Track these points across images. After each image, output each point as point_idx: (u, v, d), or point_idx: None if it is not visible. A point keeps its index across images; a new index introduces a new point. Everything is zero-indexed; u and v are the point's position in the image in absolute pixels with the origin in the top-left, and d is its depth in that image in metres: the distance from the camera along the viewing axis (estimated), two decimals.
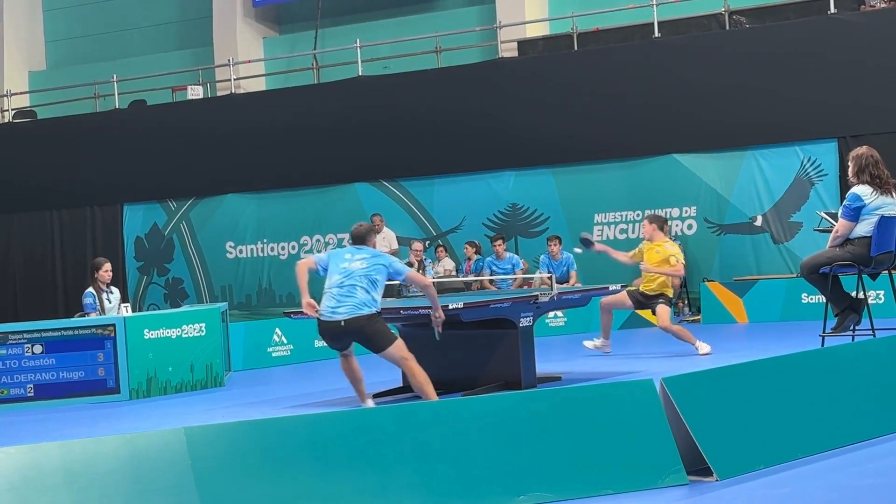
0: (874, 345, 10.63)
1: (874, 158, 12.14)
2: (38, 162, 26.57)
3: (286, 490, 7.38)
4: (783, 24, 21.50)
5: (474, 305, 12.76)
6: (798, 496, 7.51)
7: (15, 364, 14.73)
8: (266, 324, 18.64)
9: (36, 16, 31.34)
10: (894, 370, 9.86)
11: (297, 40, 28.19)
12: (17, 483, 7.04)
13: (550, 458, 7.87)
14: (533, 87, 22.60)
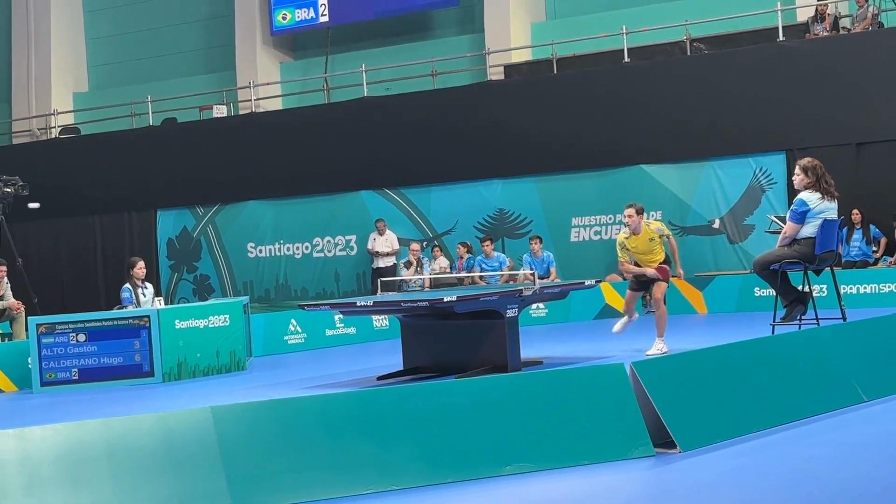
0: (818, 332, 10.63)
1: (822, 169, 12.19)
2: (81, 173, 26.59)
3: (301, 461, 7.38)
4: (737, 50, 21.51)
5: (466, 299, 12.75)
6: (752, 466, 7.51)
7: (62, 351, 14.73)
8: (283, 315, 18.64)
9: (79, 44, 31.31)
10: (836, 355, 9.88)
11: (309, 65, 28.20)
12: (64, 455, 7.03)
13: (533, 433, 7.87)
14: (517, 107, 22.61)
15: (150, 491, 7.02)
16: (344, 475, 7.38)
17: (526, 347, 13.59)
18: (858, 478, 6.99)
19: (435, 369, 12.87)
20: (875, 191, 19.65)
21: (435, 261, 22.74)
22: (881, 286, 18.46)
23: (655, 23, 23.02)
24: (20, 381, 15.00)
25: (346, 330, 18.53)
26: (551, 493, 7.14)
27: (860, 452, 7.76)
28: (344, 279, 24.52)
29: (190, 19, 29.87)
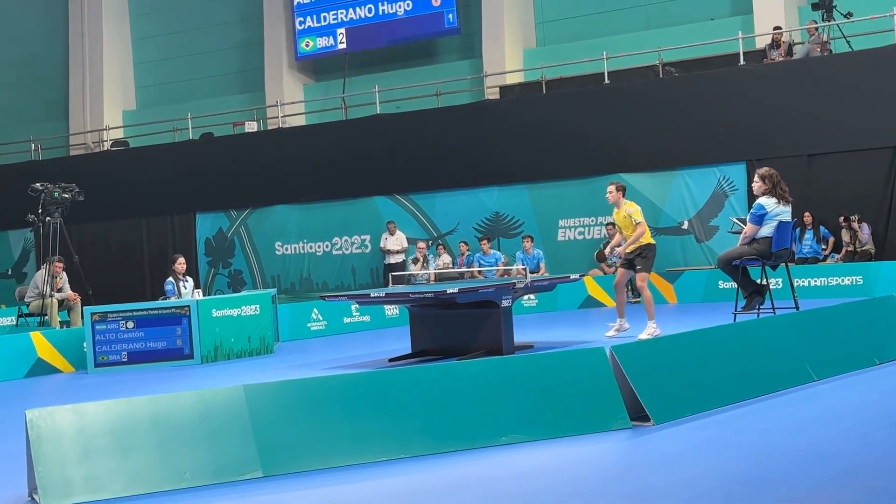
0: (775, 320, 10.65)
1: (777, 177, 12.27)
2: (129, 181, 26.59)
3: (322, 433, 7.40)
4: (704, 73, 21.52)
5: (467, 290, 12.76)
6: (717, 437, 7.53)
7: (112, 336, 14.76)
8: (306, 305, 18.65)
9: (128, 68, 31.34)
10: (790, 340, 9.89)
11: (329, 87, 28.23)
12: (115, 428, 7.05)
13: (524, 408, 7.89)
14: (511, 123, 22.62)
15: (190, 458, 7.04)
16: (359, 445, 7.40)
17: (518, 333, 13.60)
18: (809, 447, 7.01)
19: (439, 352, 12.88)
20: (824, 196, 19.66)
21: (439, 257, 22.75)
22: (829, 280, 18.49)
23: (632, 49, 23.03)
24: (77, 363, 15.02)
25: (362, 318, 18.55)
26: (540, 461, 7.15)
27: (811, 425, 7.78)
28: (359, 273, 24.54)
29: (225, 46, 29.90)
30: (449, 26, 26.43)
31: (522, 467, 7.01)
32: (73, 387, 13.34)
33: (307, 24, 28.16)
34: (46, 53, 32.15)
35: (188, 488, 6.87)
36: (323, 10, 27.96)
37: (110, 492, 6.76)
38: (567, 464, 7.08)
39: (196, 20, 30.18)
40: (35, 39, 32.37)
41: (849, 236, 19.44)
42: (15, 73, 32.78)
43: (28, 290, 18.94)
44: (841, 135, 19.62)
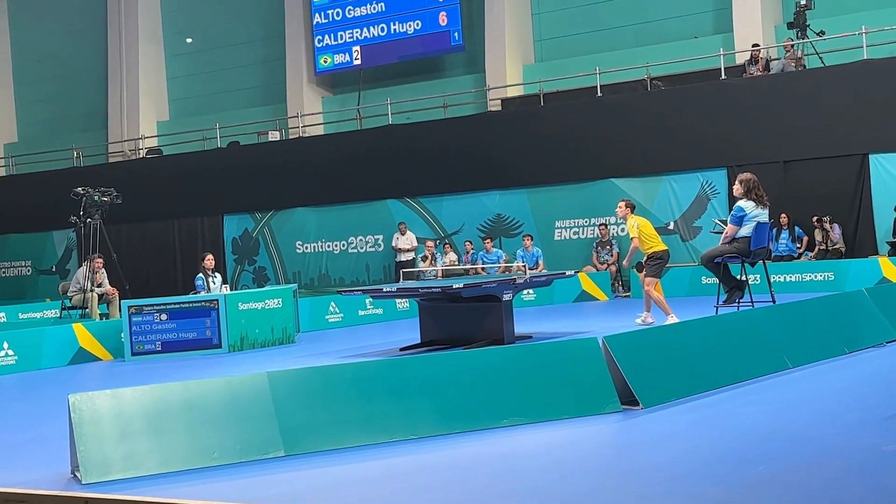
0: (753, 313, 10.65)
1: (756, 182, 12.28)
2: (163, 186, 26.64)
3: (339, 416, 7.41)
4: (688, 86, 21.50)
5: (471, 286, 12.78)
6: (700, 419, 7.54)
7: (148, 327, 14.79)
8: (324, 299, 18.67)
9: (162, 82, 31.37)
10: (767, 330, 9.89)
11: (345, 99, 28.24)
12: (150, 411, 7.06)
13: (524, 393, 7.89)
14: (512, 132, 22.62)
15: (218, 439, 7.05)
16: (373, 426, 7.40)
17: (519, 325, 13.62)
18: (785, 428, 7.01)
19: (446, 342, 12.89)
20: (799, 199, 19.64)
21: (446, 255, 22.76)
22: (804, 276, 18.47)
23: (623, 65, 22.99)
24: (115, 352, 15.06)
25: (375, 311, 18.56)
26: (538, 441, 7.16)
27: (786, 408, 7.78)
28: (373, 270, 24.55)
29: (250, 62, 29.91)
30: (455, 44, 26.42)
31: (522, 447, 7.02)
32: (111, 373, 13.37)
33: (325, 42, 28.18)
34: (87, 70, 32.19)
35: (216, 466, 6.88)
36: (339, 29, 27.97)
37: (145, 469, 6.78)
38: (562, 444, 7.08)
39: (223, 39, 30.21)
40: (77, 57, 32.42)
41: (821, 236, 19.42)
42: (59, 87, 32.85)
43: (71, 286, 19.00)
44: (814, 143, 19.60)
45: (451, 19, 26.39)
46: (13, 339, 14.37)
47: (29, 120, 33.66)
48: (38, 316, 21.92)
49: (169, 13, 31.20)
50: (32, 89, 33.49)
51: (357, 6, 27.70)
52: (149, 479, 6.62)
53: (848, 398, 8.00)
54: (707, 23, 23.71)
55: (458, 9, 26.22)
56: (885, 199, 19.13)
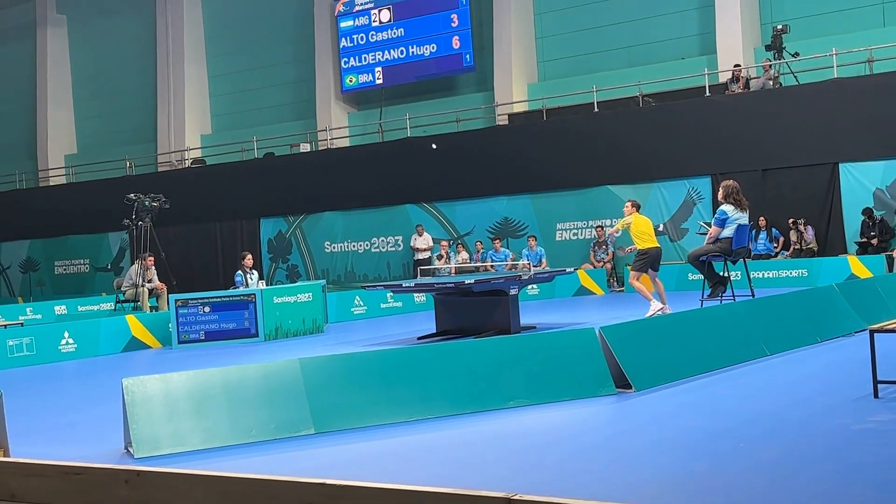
0: (734, 305, 10.65)
1: (736, 188, 12.30)
2: (206, 192, 26.71)
3: (362, 397, 7.43)
4: (676, 103, 21.44)
5: (482, 281, 12.78)
6: (686, 401, 7.53)
7: (192, 318, 14.83)
8: (350, 293, 18.70)
9: (205, 99, 31.43)
10: (747, 321, 9.88)
11: (368, 114, 28.27)
12: (194, 393, 7.09)
13: (528, 377, 7.90)
14: (518, 144, 22.61)
15: (254, 418, 7.08)
16: (394, 407, 7.42)
17: (524, 316, 13.62)
18: (761, 408, 7.01)
19: (459, 332, 12.90)
20: (776, 203, 19.58)
21: (458, 254, 22.77)
22: (780, 272, 18.42)
23: (617, 83, 22.98)
24: (163, 340, 15.11)
25: (395, 304, 18.58)
26: (541, 420, 7.16)
27: (763, 390, 7.78)
28: (393, 267, 24.58)
29: (283, 82, 29.96)
30: (466, 65, 26.43)
31: (527, 426, 7.03)
32: (160, 360, 13.42)
33: (351, 64, 28.20)
34: (138, 89, 32.30)
35: (253, 443, 6.91)
36: (363, 52, 27.99)
37: (190, 445, 6.81)
38: (563, 423, 7.09)
39: (260, 61, 30.26)
40: (129, 78, 32.52)
41: (796, 236, 19.37)
42: (113, 105, 32.96)
43: (124, 281, 19.08)
44: (789, 153, 19.54)
45: (463, 43, 26.40)
46: (73, 330, 14.44)
47: (86, 134, 33.80)
48: (95, 308, 22.04)
49: (211, 38, 31.27)
50: (90, 107, 33.62)
51: (379, 31, 27.73)
52: (193, 454, 6.66)
53: (820, 383, 7.98)
54: (693, 45, 23.66)
55: (470, 34, 26.24)
56: (854, 203, 19.07)
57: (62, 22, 33.75)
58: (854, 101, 18.94)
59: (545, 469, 5.69)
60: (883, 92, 18.67)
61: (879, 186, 18.90)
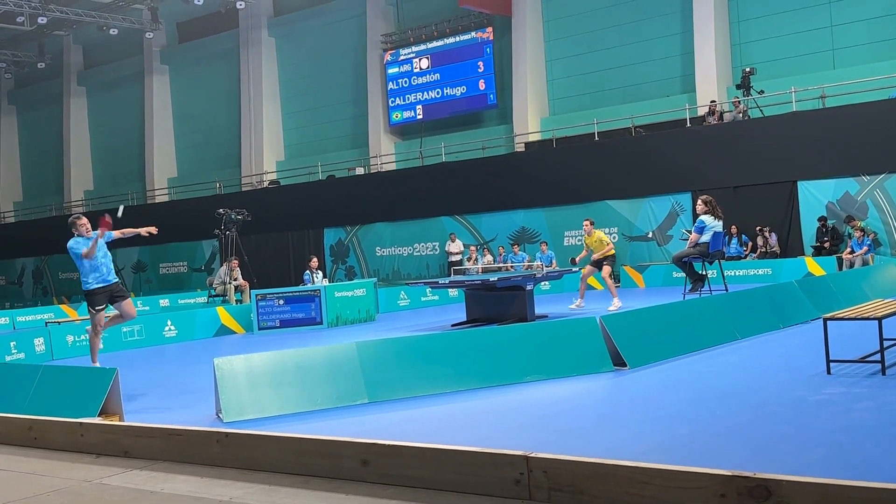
0: (711, 298, 10.57)
1: (713, 201, 12.21)
2: (280, 207, 26.84)
3: (406, 373, 7.44)
4: (662, 132, 21.30)
5: (504, 279, 12.76)
6: (672, 376, 7.48)
7: (270, 310, 14.92)
8: (396, 289, 18.74)
9: (279, 131, 31.57)
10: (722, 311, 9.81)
11: (411, 144, 28.32)
12: (272, 370, 7.14)
13: (541, 357, 7.88)
14: (533, 167, 22.55)
15: (320, 391, 7.11)
16: (432, 381, 7.43)
17: (538, 307, 13.61)
18: (735, 383, 6.94)
19: (485, 320, 12.89)
20: (745, 214, 19.40)
21: (484, 257, 22.74)
22: (749, 271, 18.24)
23: (614, 117, 22.88)
24: (246, 327, 15.21)
25: (433, 297, 18.60)
26: (553, 392, 7.14)
27: (735, 368, 7.70)
28: (431, 268, 24.60)
29: (342, 118, 30.05)
30: (490, 103, 26.41)
31: (541, 396, 7.00)
32: (244, 343, 13.52)
33: (397, 102, 28.27)
34: (226, 123, 32.58)
35: (319, 410, 6.94)
36: (407, 93, 28.04)
37: (269, 412, 6.85)
38: (570, 394, 7.06)
39: (324, 101, 30.41)
40: (218, 114, 32.81)
41: (762, 241, 19.18)
42: (205, 136, 33.27)
43: (215, 280, 19.24)
44: (756, 173, 19.36)
45: (488, 85, 26.39)
46: (175, 318, 14.59)
47: (185, 160, 34.13)
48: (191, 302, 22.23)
49: (284, 83, 31.47)
50: (187, 137, 33.95)
51: (419, 76, 27.77)
52: (271, 419, 6.70)
53: (782, 361, 7.90)
54: (676, 85, 23.51)
55: (493, 77, 26.23)
56: (810, 214, 18.87)
57: (165, 71, 34.11)
58: (810, 130, 18.74)
59: (556, 431, 5.68)
60: (834, 123, 18.47)
61: (831, 200, 18.68)
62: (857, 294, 11.57)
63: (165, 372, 10.60)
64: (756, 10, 22.18)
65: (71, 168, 36.31)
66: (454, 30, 26.82)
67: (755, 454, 4.77)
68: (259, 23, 30.92)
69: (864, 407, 5.70)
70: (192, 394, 8.28)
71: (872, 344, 7.37)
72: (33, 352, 12.44)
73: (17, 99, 39.28)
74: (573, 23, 25.03)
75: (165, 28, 32.90)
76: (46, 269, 33.85)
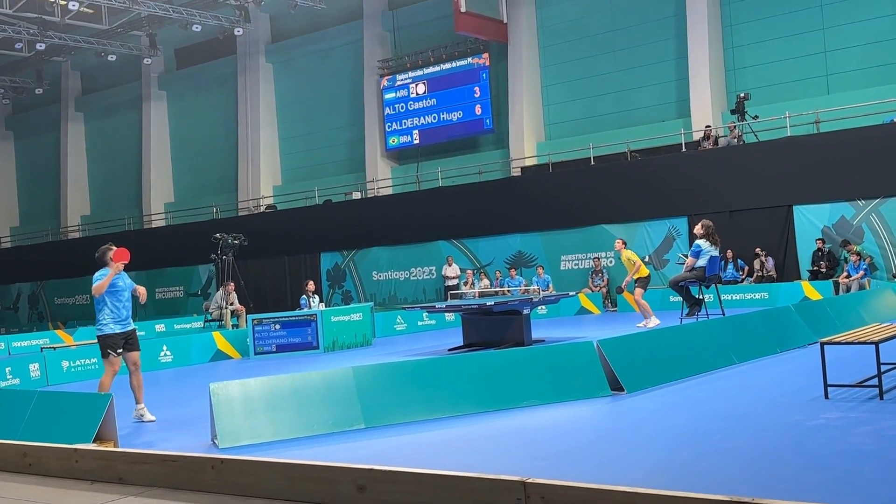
0: (708, 322, 10.56)
1: (712, 226, 12.25)
2: (277, 232, 26.83)
3: (403, 397, 7.41)
4: (658, 157, 21.39)
5: (501, 303, 12.75)
6: (670, 400, 7.46)
7: (266, 334, 14.88)
8: (393, 313, 18.71)
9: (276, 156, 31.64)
10: (719, 335, 9.79)
11: (407, 168, 28.38)
12: (267, 395, 7.10)
13: (540, 381, 7.86)
14: (529, 191, 22.60)
15: (316, 416, 7.07)
16: (429, 406, 7.40)
17: (535, 331, 13.58)
18: (732, 408, 6.93)
19: (482, 344, 12.86)
20: (741, 238, 19.43)
21: (481, 281, 22.72)
22: (745, 295, 18.23)
23: (609, 141, 22.95)
24: (242, 352, 15.17)
25: (430, 322, 18.57)
26: (550, 417, 7.11)
27: (732, 392, 7.68)
28: (428, 292, 24.56)
29: (339, 142, 30.12)
30: (487, 128, 26.51)
31: (539, 421, 6.98)
32: (240, 368, 13.47)
33: (393, 127, 28.37)
34: (223, 148, 32.64)
35: (315, 435, 6.91)
36: (403, 118, 28.15)
37: (264, 437, 6.82)
38: (568, 419, 7.03)
39: (320, 125, 30.51)
40: (216, 139, 32.88)
41: (759, 265, 19.20)
42: (202, 161, 33.32)
43: (211, 305, 19.19)
44: (752, 197, 19.41)
45: (484, 110, 26.51)
46: (170, 343, 14.54)
47: (181, 185, 34.17)
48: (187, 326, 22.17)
49: (281, 108, 31.58)
50: (184, 162, 34.01)
51: (416, 101, 27.90)
52: (267, 445, 6.66)
53: (780, 386, 7.88)
54: (671, 110, 23.64)
55: (489, 102, 26.36)
56: (806, 238, 18.91)
57: (163, 96, 34.24)
58: (805, 155, 18.83)
59: (553, 457, 5.65)
60: (828, 147, 18.56)
61: (827, 224, 18.73)
62: (854, 318, 11.57)
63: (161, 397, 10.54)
64: (750, 36, 22.37)
65: (68, 193, 36.34)
66: (450, 55, 26.99)
67: (753, 479, 4.75)
68: (257, 49, 31.09)
69: (862, 431, 5.68)
70: (187, 419, 8.23)
71: (870, 368, 7.36)
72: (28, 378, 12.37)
73: (14, 124, 39.39)
74: (568, 49, 25.21)
75: (163, 54, 33.05)
76: (42, 295, 33.76)
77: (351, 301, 25.62)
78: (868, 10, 20.73)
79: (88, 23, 29.32)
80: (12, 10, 26.51)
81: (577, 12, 24.90)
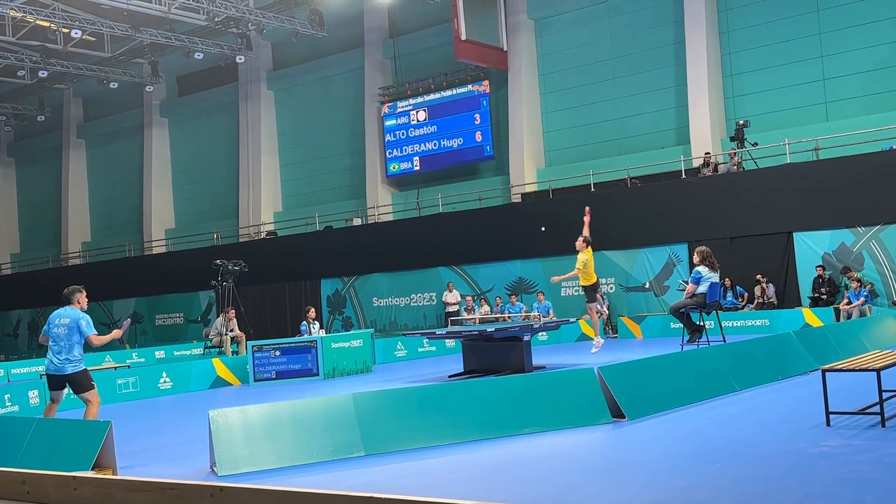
0: (709, 349, 10.55)
1: (709, 253, 12.28)
2: (278, 258, 26.87)
3: (404, 425, 7.39)
4: (658, 183, 21.44)
5: (501, 329, 12.74)
6: (671, 428, 7.43)
7: (266, 361, 14.85)
8: (393, 339, 18.70)
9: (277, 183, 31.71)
10: (720, 362, 9.77)
11: (408, 195, 28.44)
12: (267, 422, 7.08)
13: (540, 408, 7.84)
14: (529, 217, 22.65)
15: (316, 442, 7.05)
16: (429, 433, 7.37)
17: (535, 358, 13.55)
18: (734, 435, 6.90)
19: (482, 371, 12.83)
20: (742, 265, 19.45)
21: (481, 307, 22.69)
22: (746, 322, 18.20)
23: (609, 168, 23.04)
24: (242, 379, 15.14)
25: (430, 348, 18.54)
26: (551, 444, 7.09)
27: (733, 419, 7.66)
28: (428, 318, 24.53)
29: (340, 169, 30.22)
30: (487, 154, 26.60)
31: (539, 449, 6.95)
32: (239, 395, 13.43)
33: (394, 154, 28.47)
34: (224, 175, 32.74)
35: (315, 462, 6.88)
36: (404, 144, 28.26)
37: (264, 465, 6.79)
38: (569, 447, 7.00)
39: (321, 152, 30.62)
40: (217, 166, 33.00)
41: (759, 292, 19.19)
42: (203, 187, 33.41)
43: (211, 331, 19.16)
44: (752, 224, 19.45)
45: (485, 137, 26.62)
46: (170, 370, 14.51)
47: (182, 211, 34.24)
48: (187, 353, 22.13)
49: (282, 134, 31.72)
50: (185, 189, 34.11)
51: (416, 128, 28.03)
52: (266, 472, 6.63)
53: (781, 413, 7.86)
54: (671, 137, 23.74)
55: (489, 129, 26.47)
56: (806, 265, 18.92)
57: (164, 123, 34.42)
58: (804, 182, 18.88)
59: (554, 484, 5.62)
60: (828, 174, 18.63)
61: (827, 251, 18.74)
62: (855, 345, 11.56)
63: (160, 424, 10.50)
64: (749, 63, 22.52)
65: (69, 220, 36.42)
66: (451, 83, 27.14)
67: None
68: (258, 76, 31.28)
69: (864, 459, 5.66)
70: (186, 447, 8.20)
71: (871, 396, 7.34)
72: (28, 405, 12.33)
73: (16, 151, 39.55)
74: (568, 76, 25.36)
75: (165, 81, 33.26)
76: (42, 321, 33.71)
77: (351, 327, 25.57)
78: (866, 38, 20.89)
79: (91, 50, 29.56)
80: (15, 38, 26.73)
81: (577, 40, 25.08)
